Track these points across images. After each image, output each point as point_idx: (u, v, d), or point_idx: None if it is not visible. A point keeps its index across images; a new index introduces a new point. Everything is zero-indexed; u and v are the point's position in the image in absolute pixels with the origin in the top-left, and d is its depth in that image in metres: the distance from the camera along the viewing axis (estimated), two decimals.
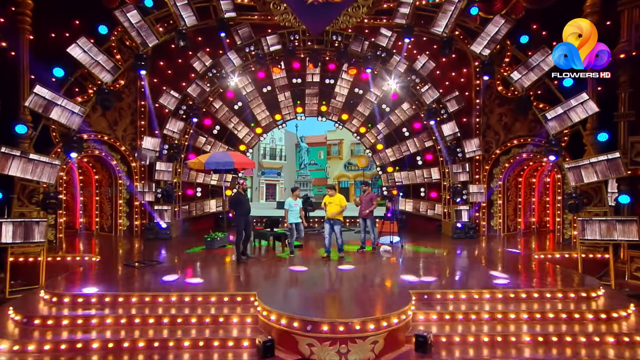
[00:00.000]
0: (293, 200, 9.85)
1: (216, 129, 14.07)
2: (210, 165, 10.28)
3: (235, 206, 9.26)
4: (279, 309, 5.82)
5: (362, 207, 9.89)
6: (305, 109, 15.15)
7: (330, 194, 9.15)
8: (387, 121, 14.71)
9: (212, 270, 8.36)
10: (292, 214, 9.73)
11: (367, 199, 9.87)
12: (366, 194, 9.94)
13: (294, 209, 9.71)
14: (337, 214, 9.05)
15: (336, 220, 9.13)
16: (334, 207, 9.05)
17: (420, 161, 14.32)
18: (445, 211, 13.60)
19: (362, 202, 9.91)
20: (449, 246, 11.20)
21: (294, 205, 9.76)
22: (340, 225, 9.13)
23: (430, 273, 8.15)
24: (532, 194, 13.65)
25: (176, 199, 12.97)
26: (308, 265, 8.68)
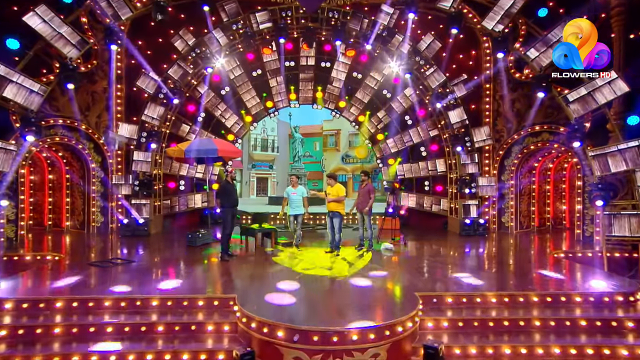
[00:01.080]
0: (292, 188, 9.12)
1: (201, 116, 13.26)
2: (192, 153, 9.48)
3: (221, 197, 8.50)
4: (262, 314, 5.04)
5: (358, 199, 9.14)
6: (300, 95, 14.37)
7: (330, 184, 8.49)
8: (389, 109, 13.96)
9: (190, 271, 7.57)
10: (291, 204, 9.00)
11: (364, 191, 9.11)
12: (364, 185, 9.18)
13: (293, 198, 8.98)
14: (334, 201, 8.47)
15: (335, 212, 8.52)
16: (332, 198, 8.50)
17: (424, 152, 13.57)
18: (452, 206, 12.85)
19: (360, 194, 9.16)
20: (457, 244, 10.46)
21: (291, 194, 9.01)
22: (340, 218, 8.53)
23: (438, 274, 7.40)
24: (547, 188, 12.90)
25: (156, 192, 12.16)
26: (301, 263, 7.92)
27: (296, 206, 9.07)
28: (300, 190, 9.18)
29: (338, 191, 8.59)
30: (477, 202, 11.96)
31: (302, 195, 9.13)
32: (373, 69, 13.48)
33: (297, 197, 9.07)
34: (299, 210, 9.10)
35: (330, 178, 8.64)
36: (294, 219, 9.19)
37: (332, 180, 8.63)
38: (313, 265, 7.86)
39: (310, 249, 9.52)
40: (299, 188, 9.21)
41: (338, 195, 8.53)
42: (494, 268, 7.93)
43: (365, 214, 9.09)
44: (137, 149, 11.44)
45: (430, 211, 13.57)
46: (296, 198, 9.06)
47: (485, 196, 12.27)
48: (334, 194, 8.52)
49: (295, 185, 9.20)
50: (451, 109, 11.98)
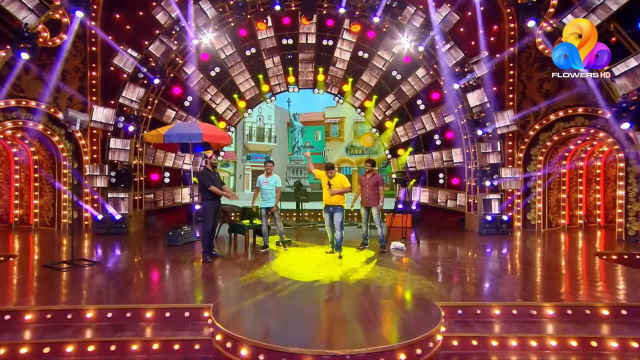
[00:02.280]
0: (264, 176, 8.12)
1: (188, 101, 12.29)
2: (172, 138, 8.50)
3: (201, 187, 7.53)
4: (241, 330, 4.06)
5: (365, 192, 8.14)
6: (299, 78, 13.38)
7: (330, 175, 7.46)
8: (398, 92, 12.93)
9: (163, 275, 6.60)
10: (262, 195, 8.02)
11: (371, 182, 8.11)
12: (370, 175, 8.18)
13: (265, 189, 8.00)
14: (338, 193, 7.44)
15: (337, 207, 7.49)
16: (336, 190, 7.44)
17: (438, 141, 12.55)
18: (469, 201, 11.82)
19: (365, 187, 8.15)
20: (477, 244, 9.43)
21: (263, 184, 8.02)
22: (342, 213, 7.50)
23: (460, 279, 6.39)
24: (579, 180, 11.81)
25: (137, 185, 11.23)
26: (296, 267, 6.93)
27: (268, 198, 8.05)
28: (274, 179, 8.12)
29: (342, 181, 7.53)
30: (500, 197, 10.92)
31: (275, 186, 8.08)
32: (381, 47, 12.45)
33: (269, 187, 8.04)
34: (270, 203, 8.07)
35: (329, 169, 7.58)
36: (265, 212, 8.10)
37: (332, 171, 7.56)
38: (309, 269, 6.87)
39: (309, 249, 8.54)
40: (273, 177, 8.14)
41: (342, 187, 7.46)
42: (530, 272, 6.89)
43: (380, 210, 8.14)
44: (114, 135, 10.51)
45: (445, 207, 12.56)
46: (267, 188, 8.03)
47: (508, 190, 11.23)
48: (337, 184, 7.44)
49: (269, 174, 8.17)
50: (470, 91, 10.93)
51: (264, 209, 8.07)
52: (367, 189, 8.15)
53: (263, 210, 8.09)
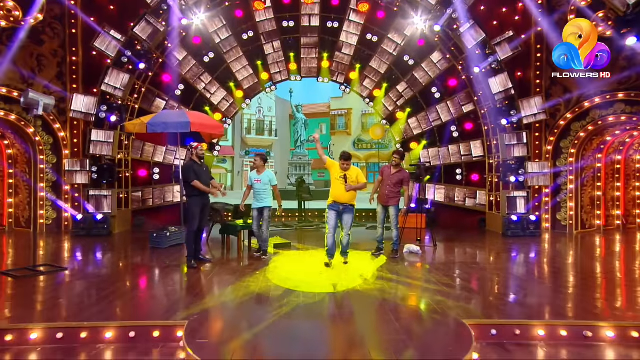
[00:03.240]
0: (255, 173, 7.30)
1: (179, 89, 11.53)
2: (157, 127, 7.71)
3: (184, 182, 6.76)
4: (221, 356, 3.25)
5: (386, 188, 7.28)
6: (301, 65, 12.57)
7: (345, 167, 6.35)
8: (411, 80, 12.07)
9: (137, 283, 5.81)
10: (254, 194, 7.22)
11: (395, 179, 7.24)
12: (396, 171, 7.31)
13: (257, 188, 7.19)
14: (355, 189, 6.38)
15: (348, 206, 6.43)
16: (352, 185, 6.35)
17: (455, 132, 11.67)
18: (491, 200, 10.93)
19: (387, 182, 7.29)
20: (503, 247, 8.54)
21: (254, 181, 7.20)
22: (353, 214, 6.50)
23: (489, 289, 5.53)
24: (617, 176, 10.86)
25: (123, 182, 10.50)
26: (294, 274, 6.12)
27: (261, 198, 7.19)
28: (267, 176, 7.25)
29: (359, 176, 6.44)
30: (526, 194, 10.01)
31: (271, 184, 7.23)
32: (392, 29, 11.59)
33: (263, 185, 7.18)
34: (264, 203, 7.19)
35: (345, 159, 6.35)
36: (258, 214, 7.23)
37: (348, 163, 6.36)
38: (310, 277, 6.04)
39: (311, 252, 7.72)
40: (266, 173, 7.29)
41: (359, 182, 6.38)
42: (571, 282, 6.01)
43: (404, 213, 7.28)
44: (96, 127, 9.78)
45: (463, 206, 11.68)
46: (260, 188, 7.18)
47: (535, 186, 10.33)
48: (353, 178, 6.33)
49: (260, 170, 7.32)
50: (492, 76, 10.04)
51: (256, 209, 7.25)
52: (389, 185, 7.26)
53: (255, 212, 7.27)
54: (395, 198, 7.29)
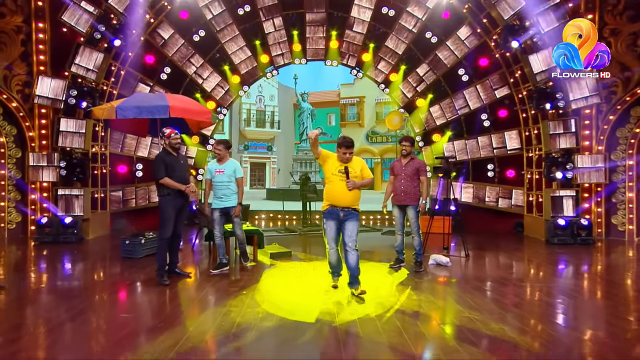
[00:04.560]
0: (216, 163, 6.06)
1: (165, 73, 10.38)
2: (127, 112, 6.50)
3: (158, 177, 5.59)
4: None
5: (400, 184, 6.04)
6: (307, 46, 11.35)
7: (346, 157, 4.77)
8: (434, 61, 10.75)
9: (86, 308, 4.61)
10: (215, 190, 6.00)
11: (409, 170, 6.02)
12: (408, 160, 6.07)
13: (219, 181, 5.95)
14: (359, 186, 4.82)
15: (351, 210, 4.84)
16: (356, 181, 4.80)
17: (486, 121, 10.33)
18: (530, 200, 9.58)
19: (401, 176, 6.05)
20: (551, 259, 7.21)
21: (215, 173, 5.96)
22: (357, 221, 4.89)
23: (555, 321, 4.22)
24: None
25: (99, 179, 9.39)
26: (291, 294, 4.87)
27: (224, 194, 5.92)
28: (231, 166, 5.99)
29: (363, 169, 4.89)
30: (575, 193, 8.63)
31: (235, 176, 5.97)
32: (411, 1, 10.28)
33: (224, 178, 5.91)
34: (228, 201, 5.92)
35: (345, 147, 4.76)
36: (220, 216, 5.97)
37: (350, 151, 4.79)
38: (312, 298, 4.79)
39: (315, 264, 6.46)
40: (230, 163, 6.03)
41: (363, 177, 4.85)
42: None
43: (423, 210, 6.05)
44: (65, 115, 8.68)
45: (495, 207, 10.37)
46: (222, 180, 5.90)
47: (585, 184, 8.94)
48: (357, 172, 4.80)
49: (222, 159, 6.03)
50: (533, 52, 8.71)
51: (219, 210, 5.98)
52: (403, 180, 6.02)
53: (216, 213, 5.98)
54: (414, 195, 6.02)
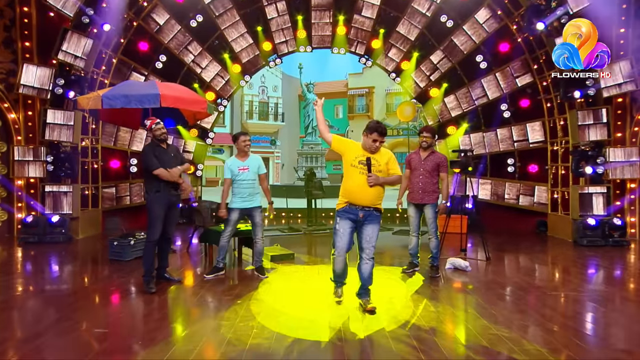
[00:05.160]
0: (238, 160, 5.48)
1: (161, 61, 9.85)
2: (115, 101, 6.00)
3: (145, 172, 5.09)
4: None
5: (418, 180, 5.46)
6: (312, 33, 10.79)
7: (373, 146, 4.04)
8: (449, 47, 10.11)
9: (61, 320, 4.10)
10: (238, 189, 5.41)
11: (429, 165, 5.46)
12: (428, 154, 5.50)
13: (243, 179, 5.39)
14: (382, 183, 4.07)
15: (372, 211, 4.12)
16: (379, 176, 4.05)
17: (506, 112, 9.68)
18: (555, 197, 8.94)
19: (419, 171, 5.47)
20: (584, 263, 6.58)
21: (238, 171, 5.39)
22: (378, 224, 4.19)
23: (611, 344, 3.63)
24: None
25: (90, 175, 8.93)
26: (293, 305, 4.32)
27: (249, 194, 5.38)
28: (256, 162, 5.47)
29: (390, 162, 4.15)
30: (606, 190, 7.96)
31: (259, 172, 5.46)
32: None
33: (250, 175, 5.39)
34: (254, 201, 5.40)
35: (379, 133, 4.03)
36: (237, 217, 5.40)
37: (381, 139, 4.06)
38: (315, 309, 4.23)
39: (320, 268, 5.89)
40: (254, 158, 5.50)
41: (389, 172, 4.12)
42: None
43: (443, 210, 5.55)
44: (53, 106, 8.20)
45: (515, 205, 9.76)
46: (248, 178, 5.37)
47: (617, 180, 8.28)
48: (381, 166, 4.07)
49: (245, 155, 5.48)
50: (561, 35, 8.00)
51: (239, 211, 5.40)
52: (422, 175, 5.44)
53: (235, 213, 5.39)
54: (433, 193, 5.44)
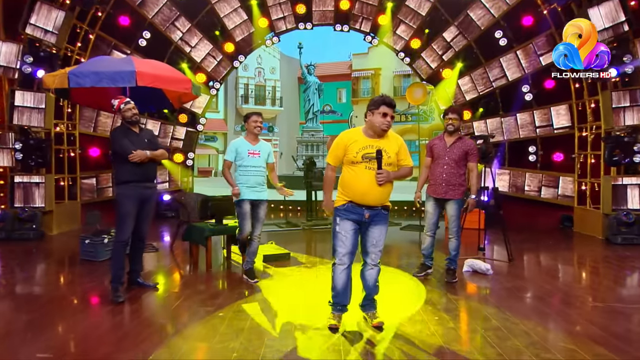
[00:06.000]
0: (249, 143, 4.74)
1: (145, 38, 9.08)
2: (83, 79, 5.27)
3: (115, 160, 4.41)
4: None
5: (442, 170, 4.70)
6: (313, 8, 10.04)
7: (387, 123, 3.28)
8: (464, 22, 9.34)
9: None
10: (245, 177, 4.67)
11: (455, 153, 4.71)
12: (455, 139, 4.74)
13: (251, 164, 4.68)
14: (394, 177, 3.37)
15: (380, 211, 3.41)
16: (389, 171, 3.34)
17: (528, 95, 8.92)
18: (583, 189, 8.22)
19: (443, 160, 4.71)
20: (624, 264, 5.82)
21: (248, 155, 4.65)
22: (386, 224, 3.48)
23: None
24: None
25: (66, 164, 8.24)
26: (286, 315, 3.60)
27: (258, 183, 4.68)
28: (266, 149, 4.81)
29: (401, 153, 3.42)
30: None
31: (268, 160, 4.81)
32: None
33: (261, 162, 4.71)
34: (263, 192, 4.73)
35: (385, 105, 3.27)
36: (250, 209, 4.68)
37: (392, 112, 3.32)
38: (313, 330, 3.51)
39: (319, 269, 5.17)
40: (264, 144, 4.83)
41: (400, 164, 3.43)
42: None
43: (472, 206, 4.76)
44: (21, 86, 7.48)
45: (536, 198, 9.11)
46: (258, 165, 4.69)
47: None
48: (391, 158, 3.33)
49: (255, 139, 4.77)
50: (594, 4, 7.25)
51: (249, 202, 4.66)
52: (447, 165, 4.69)
53: (247, 205, 4.65)
54: (459, 187, 4.71)
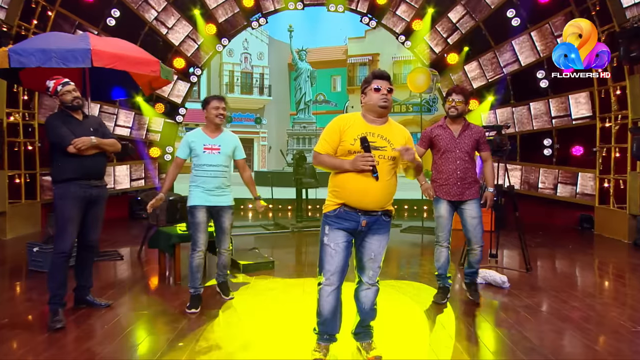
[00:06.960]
0: (207, 135, 3.95)
1: (114, 17, 8.26)
2: (27, 59, 4.77)
3: (52, 150, 3.71)
4: None
5: (455, 166, 3.92)
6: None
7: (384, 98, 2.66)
8: (472, 2, 8.70)
9: None
10: (202, 177, 3.87)
11: (465, 143, 3.95)
12: (462, 126, 3.97)
13: (210, 161, 3.87)
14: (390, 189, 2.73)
15: (380, 217, 2.73)
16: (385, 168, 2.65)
17: (543, 81, 8.29)
18: (605, 187, 7.60)
19: (455, 153, 3.94)
20: None
21: (204, 150, 3.87)
22: (387, 233, 2.82)
23: None
24: None
25: (22, 159, 7.48)
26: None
27: (215, 186, 3.86)
28: (230, 142, 4.00)
29: (408, 143, 2.76)
30: None
31: (234, 157, 4.05)
32: None
33: (221, 159, 3.89)
34: (224, 197, 3.93)
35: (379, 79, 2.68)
36: (205, 218, 3.85)
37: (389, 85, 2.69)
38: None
39: (310, 283, 4.42)
40: (227, 136, 4.01)
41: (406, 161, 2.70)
42: None
43: (491, 203, 4.08)
44: None
45: (552, 196, 8.59)
46: (217, 163, 3.88)
47: None
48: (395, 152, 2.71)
49: (216, 130, 3.96)
50: None
51: (204, 208, 3.84)
52: (459, 160, 3.92)
53: (201, 212, 3.83)
54: (475, 183, 4.00)
